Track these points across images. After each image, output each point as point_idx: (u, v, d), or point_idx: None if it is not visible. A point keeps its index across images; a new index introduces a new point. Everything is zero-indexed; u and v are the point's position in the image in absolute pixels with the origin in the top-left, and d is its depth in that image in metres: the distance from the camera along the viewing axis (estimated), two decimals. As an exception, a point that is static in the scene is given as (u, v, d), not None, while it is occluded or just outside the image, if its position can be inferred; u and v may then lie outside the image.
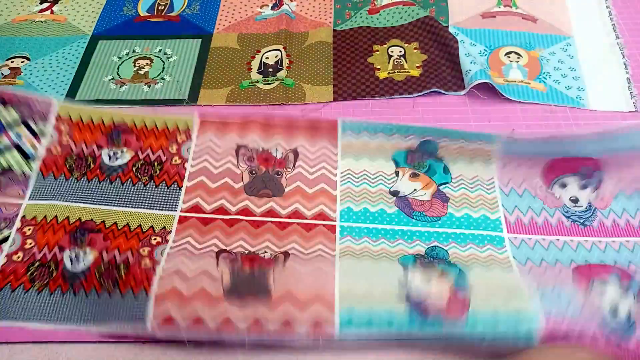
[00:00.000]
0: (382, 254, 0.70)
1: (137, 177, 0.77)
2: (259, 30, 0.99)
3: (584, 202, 0.74)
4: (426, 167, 0.77)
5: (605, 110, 0.84)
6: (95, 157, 0.78)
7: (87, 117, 0.81)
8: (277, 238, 0.72)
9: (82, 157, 0.78)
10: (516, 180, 0.76)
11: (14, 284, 0.68)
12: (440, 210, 0.74)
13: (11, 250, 0.70)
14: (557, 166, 0.75)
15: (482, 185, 0.76)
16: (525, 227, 0.72)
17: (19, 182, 0.75)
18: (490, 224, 0.72)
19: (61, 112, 0.80)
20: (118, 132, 0.80)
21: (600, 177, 0.74)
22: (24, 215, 0.73)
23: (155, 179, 0.77)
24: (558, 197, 0.74)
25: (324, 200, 0.75)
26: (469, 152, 0.77)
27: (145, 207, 0.74)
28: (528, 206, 0.74)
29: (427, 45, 0.93)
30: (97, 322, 0.65)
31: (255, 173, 0.77)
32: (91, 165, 0.78)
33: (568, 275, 0.67)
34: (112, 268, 0.68)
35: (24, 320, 0.65)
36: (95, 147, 0.79)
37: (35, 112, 0.79)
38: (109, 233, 0.72)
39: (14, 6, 1.05)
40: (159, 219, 0.73)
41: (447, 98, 0.87)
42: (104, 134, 0.80)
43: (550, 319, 0.61)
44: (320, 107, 0.87)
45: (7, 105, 0.79)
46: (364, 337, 0.63)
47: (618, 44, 0.93)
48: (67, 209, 0.74)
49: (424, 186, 0.76)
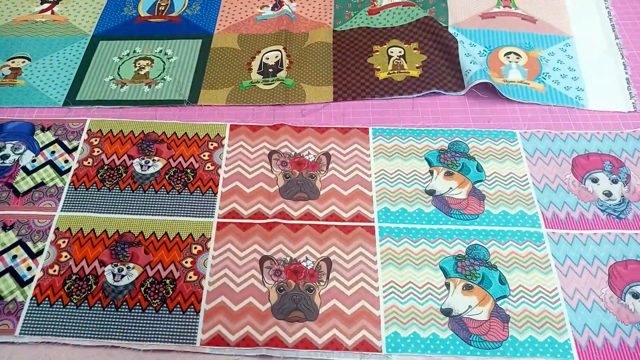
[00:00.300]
0: (424, 256, 0.70)
1: (170, 185, 0.77)
2: (259, 31, 0.99)
3: (617, 196, 0.75)
4: (460, 166, 0.78)
5: (604, 111, 0.85)
6: (127, 167, 0.79)
7: (117, 129, 0.83)
8: (317, 241, 0.72)
9: (113, 167, 0.79)
10: (549, 176, 0.77)
11: (52, 299, 0.68)
12: (477, 208, 0.74)
13: (47, 264, 0.71)
14: (582, 163, 0.78)
15: (517, 181, 0.76)
16: (562, 222, 0.72)
17: (52, 195, 0.77)
18: (528, 220, 0.73)
19: (92, 127, 0.83)
20: (149, 142, 0.82)
21: (626, 172, 0.77)
22: (57, 227, 0.74)
23: (190, 186, 0.77)
24: (591, 192, 0.75)
25: (360, 202, 0.75)
26: (498, 151, 0.79)
27: (181, 215, 0.75)
28: (563, 201, 0.74)
29: (426, 45, 0.94)
30: (141, 338, 0.64)
31: (289, 177, 0.78)
32: (123, 174, 0.79)
33: (604, 280, 0.67)
34: (158, 284, 0.69)
35: (65, 336, 0.65)
36: (126, 157, 0.80)
37: (70, 132, 0.83)
38: (149, 245, 0.72)
39: (14, 7, 1.05)
40: (197, 226, 0.73)
41: (447, 98, 0.87)
42: (135, 144, 0.82)
43: (583, 344, 0.62)
44: (320, 107, 0.87)
45: (46, 130, 0.83)
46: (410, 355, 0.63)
47: (617, 44, 0.93)
48: (102, 221, 0.74)
49: (459, 184, 0.76)
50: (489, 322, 0.65)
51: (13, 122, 0.85)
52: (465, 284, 0.67)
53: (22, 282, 0.69)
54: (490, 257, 0.70)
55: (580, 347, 0.63)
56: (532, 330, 0.64)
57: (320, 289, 0.68)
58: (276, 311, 0.66)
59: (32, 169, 0.80)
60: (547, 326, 0.64)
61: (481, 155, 0.79)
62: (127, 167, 0.79)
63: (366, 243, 0.71)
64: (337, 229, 0.73)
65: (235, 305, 0.67)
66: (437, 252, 0.70)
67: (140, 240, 0.72)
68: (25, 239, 0.73)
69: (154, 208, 0.75)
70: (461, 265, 0.69)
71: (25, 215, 0.75)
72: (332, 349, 0.63)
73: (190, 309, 0.66)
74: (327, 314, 0.66)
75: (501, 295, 0.67)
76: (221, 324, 0.65)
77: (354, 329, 0.65)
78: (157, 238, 0.72)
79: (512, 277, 0.68)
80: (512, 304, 0.66)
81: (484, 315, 0.65)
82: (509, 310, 0.65)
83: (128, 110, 0.88)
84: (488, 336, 0.64)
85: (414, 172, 0.78)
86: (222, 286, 0.68)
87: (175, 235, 0.73)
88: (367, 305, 0.66)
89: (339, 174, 0.78)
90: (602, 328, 0.64)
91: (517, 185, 0.76)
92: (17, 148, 0.81)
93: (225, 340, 0.64)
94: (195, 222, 0.74)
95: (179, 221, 0.74)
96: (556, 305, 0.66)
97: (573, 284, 0.67)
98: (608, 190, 0.75)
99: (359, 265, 0.69)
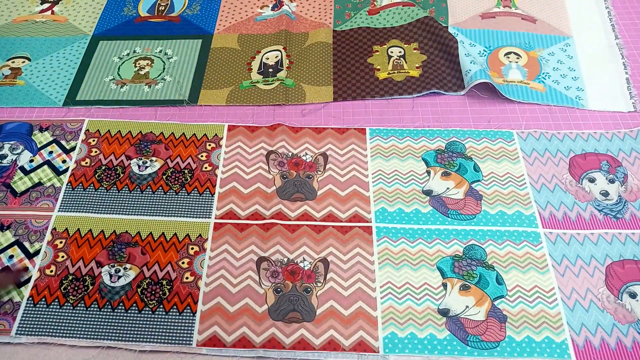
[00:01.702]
0: (421, 256, 0.70)
1: (167, 186, 0.78)
2: (259, 31, 0.99)
3: (614, 196, 0.74)
4: (457, 166, 0.78)
5: (604, 111, 0.84)
6: (125, 167, 0.79)
7: (115, 130, 0.83)
8: (314, 242, 0.72)
9: (111, 167, 0.79)
10: (546, 176, 0.77)
11: (48, 299, 0.68)
12: (474, 208, 0.74)
13: (44, 264, 0.71)
14: (579, 162, 0.78)
15: (514, 181, 0.76)
16: (559, 222, 0.72)
17: (49, 195, 0.77)
18: (526, 220, 0.73)
19: (90, 127, 0.83)
20: (146, 142, 0.82)
21: (623, 171, 0.76)
22: (54, 228, 0.74)
23: (187, 187, 0.77)
24: (588, 192, 0.75)
25: (358, 202, 0.75)
26: (495, 151, 0.79)
27: (178, 215, 0.75)
28: (560, 201, 0.74)
29: (426, 45, 0.94)
30: (138, 338, 0.64)
31: (286, 177, 0.78)
32: (120, 175, 0.79)
33: (601, 279, 0.67)
34: (155, 284, 0.69)
35: (62, 336, 0.65)
36: (124, 157, 0.80)
37: (68, 132, 0.83)
38: (146, 245, 0.72)
39: (14, 6, 1.05)
40: (194, 227, 0.74)
41: (447, 98, 0.87)
42: (132, 144, 0.82)
43: (581, 344, 0.62)
44: (320, 107, 0.87)
45: (44, 130, 0.83)
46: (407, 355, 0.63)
47: (617, 44, 0.93)
48: (100, 221, 0.74)
49: (456, 185, 0.76)
50: (486, 322, 0.65)
51: (11, 123, 0.85)
52: (462, 284, 0.67)
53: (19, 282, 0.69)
54: (488, 257, 0.70)
55: (577, 347, 0.63)
56: (530, 330, 0.64)
57: (318, 290, 0.67)
58: (273, 312, 0.66)
59: (29, 169, 0.80)
60: (544, 326, 0.64)
61: (478, 156, 0.79)
62: (125, 168, 0.79)
63: (363, 243, 0.71)
64: (335, 229, 0.73)
65: (232, 306, 0.67)
66: (434, 252, 0.70)
67: (137, 241, 0.72)
68: (22, 239, 0.73)
69: (151, 208, 0.75)
70: (458, 265, 0.69)
71: (23, 215, 0.75)
72: (329, 350, 0.63)
73: (187, 310, 0.66)
74: (324, 315, 0.66)
75: (498, 295, 0.67)
76: (217, 325, 0.65)
77: (352, 330, 0.65)
78: (154, 238, 0.72)
79: (510, 277, 0.68)
80: (509, 304, 0.66)
81: (481, 316, 0.65)
82: (506, 310, 0.65)
83: (128, 110, 0.88)
84: (485, 336, 0.64)
85: (411, 173, 0.78)
86: (218, 287, 0.68)
87: (172, 235, 0.73)
88: (364, 305, 0.66)
89: (336, 174, 0.78)
90: (599, 328, 0.64)
91: (515, 185, 0.76)
92: (14, 148, 0.81)
93: (221, 341, 0.64)
94: (192, 222, 0.74)
95: (176, 222, 0.74)
96: (553, 305, 0.66)
97: (570, 283, 0.67)
98: (605, 190, 0.75)
99: (357, 265, 0.69)
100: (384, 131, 0.82)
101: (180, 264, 0.70)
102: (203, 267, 0.70)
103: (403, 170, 0.78)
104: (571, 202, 0.74)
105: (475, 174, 0.77)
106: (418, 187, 0.76)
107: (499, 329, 0.64)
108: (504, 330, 0.64)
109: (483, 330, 0.64)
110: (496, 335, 0.64)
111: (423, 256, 0.70)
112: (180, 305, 0.67)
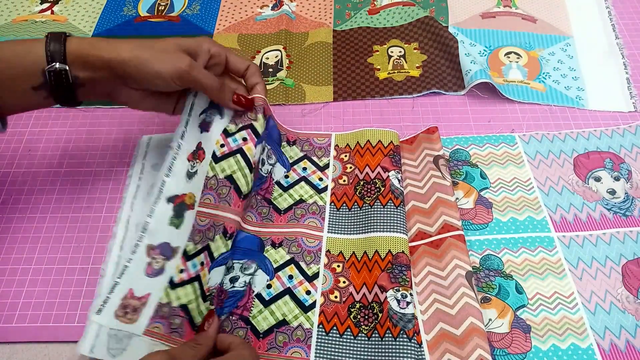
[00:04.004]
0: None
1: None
2: (259, 31, 0.99)
3: (621, 193, 0.74)
4: (463, 175, 0.76)
5: (604, 110, 0.84)
6: (384, 180, 0.72)
7: (364, 141, 0.78)
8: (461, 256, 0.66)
9: (368, 181, 0.73)
10: (553, 178, 0.76)
11: (340, 329, 0.62)
12: (486, 217, 0.72)
13: (325, 289, 0.65)
14: (583, 162, 0.77)
15: (522, 186, 0.75)
16: (570, 224, 0.71)
17: (314, 213, 0.72)
18: (538, 225, 0.71)
19: (338, 142, 0.79)
20: (399, 154, 0.75)
21: (627, 168, 0.76)
22: (328, 250, 0.68)
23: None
24: (596, 191, 0.74)
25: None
26: (499, 156, 0.78)
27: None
28: (569, 203, 0.73)
29: (427, 45, 0.94)
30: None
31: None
32: (381, 189, 0.71)
33: (618, 280, 0.66)
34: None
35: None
36: (380, 169, 0.73)
37: (316, 147, 0.79)
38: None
39: (14, 6, 1.05)
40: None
41: (447, 98, 0.87)
42: (386, 155, 0.75)
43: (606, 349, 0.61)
44: (320, 107, 0.87)
45: (292, 144, 0.79)
46: None
47: (618, 44, 0.93)
48: (376, 241, 0.67)
49: (465, 194, 0.74)
50: (510, 334, 0.62)
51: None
52: (483, 296, 0.65)
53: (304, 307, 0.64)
54: (505, 267, 0.67)
55: (603, 352, 0.61)
56: (554, 338, 0.62)
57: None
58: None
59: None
60: (568, 332, 0.62)
61: (483, 162, 0.78)
62: (384, 181, 0.72)
63: (459, 253, 0.66)
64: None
65: (457, 329, 0.61)
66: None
67: (410, 264, 0.66)
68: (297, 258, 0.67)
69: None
70: (476, 277, 0.66)
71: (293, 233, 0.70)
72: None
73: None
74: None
75: (520, 305, 0.64)
76: (448, 351, 0.60)
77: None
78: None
79: (529, 285, 0.66)
80: (531, 313, 0.64)
81: (505, 328, 0.63)
82: (529, 320, 0.63)
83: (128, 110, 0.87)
84: (511, 349, 0.61)
85: None
86: (436, 312, 0.63)
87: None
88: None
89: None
90: (622, 330, 0.62)
91: (523, 190, 0.75)
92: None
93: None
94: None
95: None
96: (575, 310, 0.64)
97: (589, 286, 0.66)
98: (611, 188, 0.75)
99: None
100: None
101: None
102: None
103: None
104: (580, 203, 0.73)
105: (482, 182, 0.76)
106: None
107: (524, 340, 0.62)
108: (529, 340, 0.62)
109: (509, 343, 0.61)
110: (522, 347, 0.61)
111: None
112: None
